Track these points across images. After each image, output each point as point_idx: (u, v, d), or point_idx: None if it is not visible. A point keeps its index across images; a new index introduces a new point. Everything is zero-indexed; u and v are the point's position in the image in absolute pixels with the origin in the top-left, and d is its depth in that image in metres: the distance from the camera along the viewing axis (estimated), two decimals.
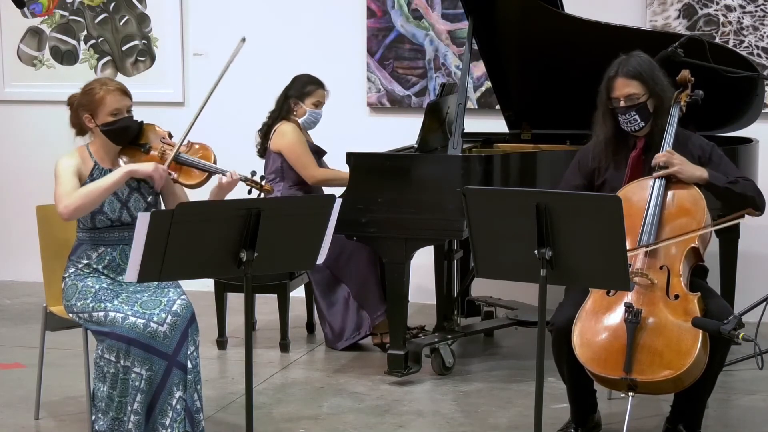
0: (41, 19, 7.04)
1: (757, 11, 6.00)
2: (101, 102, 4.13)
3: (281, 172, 5.55)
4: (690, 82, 4.27)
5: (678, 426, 4.01)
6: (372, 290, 5.42)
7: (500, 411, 4.60)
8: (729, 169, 4.17)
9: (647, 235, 3.92)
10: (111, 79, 4.32)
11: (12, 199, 7.06)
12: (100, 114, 4.14)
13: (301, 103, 5.59)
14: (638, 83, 4.10)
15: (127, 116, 4.19)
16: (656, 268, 3.88)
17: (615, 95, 4.12)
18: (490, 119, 6.20)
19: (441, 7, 6.43)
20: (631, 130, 4.15)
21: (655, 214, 3.95)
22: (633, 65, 4.12)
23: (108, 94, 4.14)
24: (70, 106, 4.24)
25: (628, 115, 4.11)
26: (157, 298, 4.01)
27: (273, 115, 5.65)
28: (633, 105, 4.09)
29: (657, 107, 4.13)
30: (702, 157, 4.16)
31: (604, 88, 4.15)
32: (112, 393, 3.98)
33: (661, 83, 4.14)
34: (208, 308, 5.48)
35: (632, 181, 4.10)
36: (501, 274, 3.67)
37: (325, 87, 5.66)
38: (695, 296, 3.80)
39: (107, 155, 4.22)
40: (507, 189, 4.47)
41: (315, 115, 5.63)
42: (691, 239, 3.91)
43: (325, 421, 4.50)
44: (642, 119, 4.12)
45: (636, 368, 3.69)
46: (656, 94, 4.12)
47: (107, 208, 4.15)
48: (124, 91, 4.19)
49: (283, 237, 3.54)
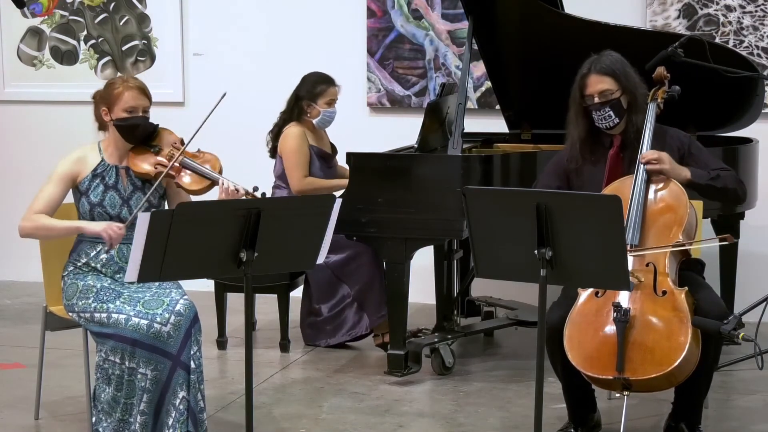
0: (41, 19, 7.04)
1: (757, 11, 6.00)
2: (118, 97, 4.17)
3: (283, 177, 5.53)
4: (666, 78, 4.29)
5: (679, 424, 4.01)
6: (375, 292, 5.40)
7: (500, 411, 4.60)
8: (709, 161, 4.21)
9: (631, 233, 3.93)
10: (134, 77, 4.34)
11: (12, 199, 7.05)
12: (116, 109, 4.18)
13: (314, 105, 5.53)
14: (611, 79, 4.14)
15: (142, 116, 4.21)
16: (642, 265, 3.89)
17: (588, 92, 4.16)
18: (490, 119, 6.20)
19: (441, 7, 6.43)
20: (606, 126, 4.17)
21: (638, 212, 3.97)
22: (605, 62, 4.17)
23: (127, 90, 4.18)
24: (93, 99, 4.29)
25: (602, 111, 4.14)
26: (159, 298, 4.01)
27: (283, 116, 5.61)
28: (607, 101, 4.13)
29: (630, 103, 4.17)
30: (681, 149, 4.20)
31: (577, 87, 4.20)
32: (118, 395, 3.98)
33: (633, 80, 4.19)
34: (208, 308, 5.47)
35: (613, 181, 4.11)
36: (501, 274, 3.67)
37: (336, 83, 5.60)
38: (682, 291, 3.80)
39: (117, 151, 4.24)
40: (507, 189, 4.47)
41: (330, 114, 5.58)
42: (675, 235, 3.93)
43: (325, 421, 4.50)
44: (616, 115, 4.14)
45: (628, 367, 3.69)
46: (629, 91, 4.15)
47: (107, 202, 4.16)
48: (144, 91, 4.22)
49: (283, 237, 3.54)
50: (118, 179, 4.21)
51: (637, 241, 3.93)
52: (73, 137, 4.31)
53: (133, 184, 4.23)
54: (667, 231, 3.96)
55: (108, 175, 4.21)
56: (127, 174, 4.23)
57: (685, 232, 3.97)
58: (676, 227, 3.96)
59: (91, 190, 4.18)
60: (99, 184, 4.19)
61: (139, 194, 4.22)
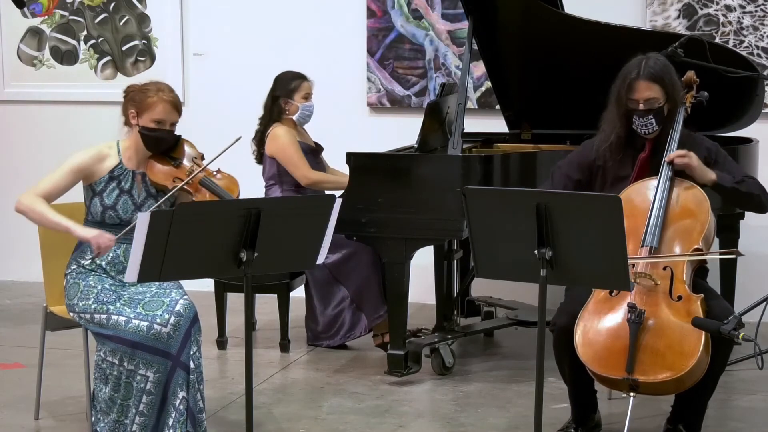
0: (41, 19, 7.04)
1: (757, 11, 6.00)
2: (151, 106, 4.15)
3: (278, 176, 5.53)
4: (695, 83, 4.27)
5: (678, 426, 4.01)
6: (372, 293, 5.40)
7: (500, 411, 4.60)
8: (733, 169, 4.18)
9: (651, 236, 3.91)
10: (171, 88, 4.25)
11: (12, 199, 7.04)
12: (145, 116, 4.16)
13: (291, 101, 5.57)
14: (659, 87, 4.06)
15: (168, 130, 4.20)
16: (659, 269, 3.87)
17: (635, 97, 4.07)
18: (490, 119, 6.19)
19: (441, 7, 6.43)
20: (645, 132, 4.11)
21: (660, 216, 3.94)
22: (655, 69, 4.07)
23: (161, 102, 4.16)
24: (124, 95, 4.26)
25: (645, 118, 4.07)
26: (159, 299, 4.01)
27: (264, 121, 5.63)
28: (652, 109, 4.06)
29: (670, 111, 4.12)
30: (708, 158, 4.15)
31: (624, 88, 4.09)
32: (114, 395, 3.98)
33: (678, 88, 4.13)
34: (208, 308, 5.47)
35: (636, 182, 4.09)
36: (501, 274, 3.67)
37: (308, 78, 5.63)
38: (698, 298, 3.79)
39: (136, 155, 4.23)
40: (507, 189, 4.46)
41: (308, 108, 5.60)
42: (695, 241, 3.91)
43: (325, 421, 4.50)
44: (657, 123, 4.09)
45: (638, 369, 3.69)
46: (672, 99, 4.10)
47: (120, 207, 4.16)
48: (176, 106, 4.21)
49: (283, 237, 3.54)
50: (133, 184, 4.20)
51: (657, 244, 3.90)
52: (73, 137, 4.33)
53: (148, 191, 4.22)
54: (688, 236, 3.93)
55: (124, 180, 4.20)
56: (143, 180, 4.22)
57: (705, 238, 3.94)
58: (697, 233, 3.93)
59: (106, 192, 4.16)
60: (114, 188, 4.18)
61: (151, 201, 4.21)
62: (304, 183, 5.49)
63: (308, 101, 5.61)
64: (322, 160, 5.71)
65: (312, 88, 5.63)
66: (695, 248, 3.91)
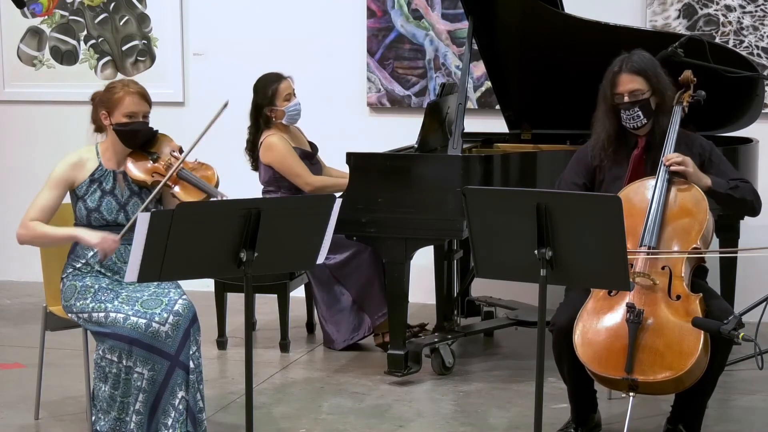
0: (41, 19, 7.04)
1: (757, 11, 6.00)
2: (119, 102, 4.16)
3: (275, 181, 5.49)
4: (692, 82, 4.28)
5: (678, 426, 4.02)
6: (374, 293, 5.40)
7: (500, 411, 4.60)
8: (727, 170, 4.19)
9: (649, 235, 3.92)
10: (135, 81, 4.29)
11: (12, 199, 7.05)
12: (116, 113, 4.17)
13: (275, 107, 5.47)
14: (642, 79, 4.11)
15: (142, 121, 4.20)
16: (658, 268, 3.88)
17: (619, 91, 4.12)
18: (490, 119, 6.20)
19: (441, 7, 6.43)
20: (633, 126, 4.15)
21: (658, 215, 3.95)
22: (637, 61, 4.14)
23: (127, 95, 4.17)
24: (92, 101, 4.28)
25: (632, 111, 4.11)
26: (158, 298, 4.01)
27: (252, 130, 5.56)
28: (636, 101, 4.10)
29: (659, 105, 4.15)
30: (702, 155, 4.18)
31: (608, 84, 4.16)
32: (114, 393, 3.99)
33: (664, 81, 4.16)
34: (208, 308, 5.47)
35: (634, 181, 4.10)
36: (501, 274, 3.67)
37: (285, 76, 5.52)
38: (697, 297, 3.80)
39: (115, 156, 4.23)
40: (507, 189, 4.46)
41: (294, 108, 5.49)
42: (693, 240, 3.91)
43: (325, 421, 4.50)
44: (644, 116, 4.12)
45: (637, 368, 3.69)
46: (659, 92, 4.13)
47: (104, 208, 4.16)
48: (144, 96, 4.21)
49: (283, 237, 3.54)
50: (115, 184, 4.21)
51: (655, 243, 3.91)
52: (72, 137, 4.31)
53: (131, 189, 4.22)
54: (686, 235, 3.94)
55: (105, 181, 4.20)
56: (125, 179, 4.22)
57: (703, 237, 3.95)
58: (695, 232, 3.93)
59: (88, 195, 4.17)
60: (96, 190, 4.18)
61: (135, 199, 4.21)
62: (308, 190, 5.44)
63: (291, 101, 5.48)
64: (318, 161, 5.69)
65: (292, 85, 5.51)
66: (693, 247, 3.92)
